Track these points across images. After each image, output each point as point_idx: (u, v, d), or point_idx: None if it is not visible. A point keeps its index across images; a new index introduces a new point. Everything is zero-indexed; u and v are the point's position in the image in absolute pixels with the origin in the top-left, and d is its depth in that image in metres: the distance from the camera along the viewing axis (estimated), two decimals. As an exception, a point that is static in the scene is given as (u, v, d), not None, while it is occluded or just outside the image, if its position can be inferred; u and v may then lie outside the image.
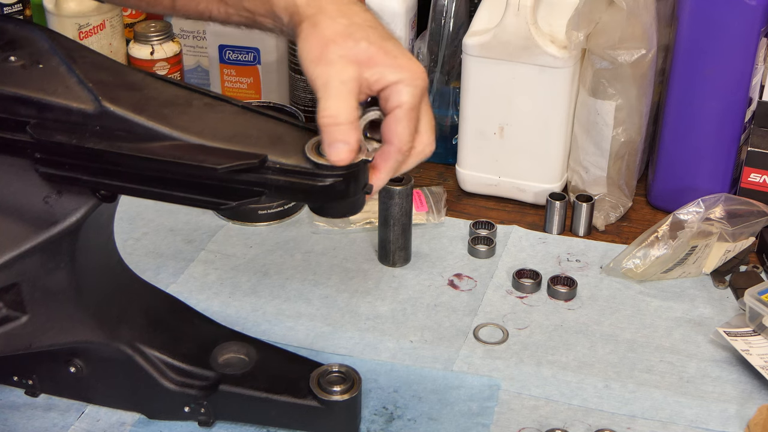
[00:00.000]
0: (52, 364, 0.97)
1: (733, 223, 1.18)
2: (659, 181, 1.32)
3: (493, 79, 1.27)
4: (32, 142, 0.84)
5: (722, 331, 1.08)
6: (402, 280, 1.20)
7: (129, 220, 1.28)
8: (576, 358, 1.08)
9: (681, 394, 1.04)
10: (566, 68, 1.24)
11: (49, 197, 0.87)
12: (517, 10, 1.21)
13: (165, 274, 1.19)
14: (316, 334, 1.11)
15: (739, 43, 1.20)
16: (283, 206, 1.29)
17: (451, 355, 1.09)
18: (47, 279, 0.90)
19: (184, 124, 0.84)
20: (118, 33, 1.53)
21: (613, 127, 1.26)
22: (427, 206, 1.31)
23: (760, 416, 0.98)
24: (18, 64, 0.87)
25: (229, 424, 0.98)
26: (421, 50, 1.38)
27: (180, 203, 0.86)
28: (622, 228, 1.31)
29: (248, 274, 1.20)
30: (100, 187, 0.86)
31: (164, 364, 0.96)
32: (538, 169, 1.31)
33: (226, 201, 0.84)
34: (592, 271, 1.22)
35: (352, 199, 0.85)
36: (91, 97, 0.84)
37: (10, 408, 1.00)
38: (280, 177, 0.83)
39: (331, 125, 0.82)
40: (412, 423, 1.00)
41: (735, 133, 1.26)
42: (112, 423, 0.99)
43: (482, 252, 1.24)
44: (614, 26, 1.20)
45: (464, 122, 1.32)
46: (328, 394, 0.94)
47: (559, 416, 1.01)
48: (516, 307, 1.16)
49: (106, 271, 0.98)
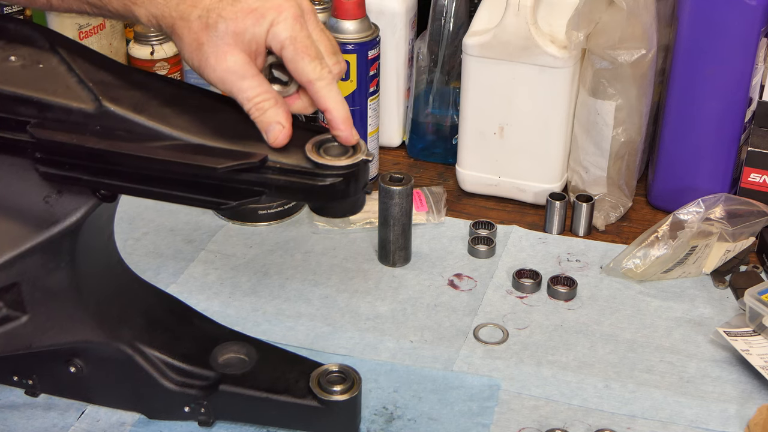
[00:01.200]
0: (52, 363, 0.97)
1: (733, 223, 1.18)
2: (659, 181, 1.32)
3: (493, 79, 1.27)
4: (32, 142, 0.84)
5: (722, 331, 1.08)
6: (402, 280, 1.20)
7: (129, 220, 1.28)
8: (576, 358, 1.08)
9: (681, 394, 1.04)
10: (566, 68, 1.24)
11: (50, 197, 0.87)
12: (517, 10, 1.21)
13: (165, 274, 1.19)
14: (316, 334, 1.11)
15: (739, 43, 1.20)
16: (283, 206, 1.29)
17: (451, 355, 1.09)
18: (47, 279, 0.90)
19: (185, 123, 0.84)
20: (118, 33, 1.53)
21: (613, 127, 1.26)
22: (427, 206, 1.31)
23: (760, 416, 0.98)
24: (18, 64, 0.87)
25: (229, 424, 0.98)
26: (421, 50, 1.38)
27: (180, 203, 0.86)
28: (622, 228, 1.31)
29: (248, 274, 1.20)
30: (101, 186, 0.86)
31: (164, 364, 0.96)
32: (538, 169, 1.31)
33: (227, 201, 0.84)
34: (592, 271, 1.22)
35: (352, 198, 0.85)
36: (92, 97, 0.84)
37: (10, 408, 1.00)
38: (281, 177, 0.83)
39: (253, 109, 0.83)
40: (412, 423, 1.00)
41: (735, 133, 1.26)
42: (112, 423, 0.99)
43: (482, 252, 1.24)
44: (614, 26, 1.20)
45: (464, 122, 1.32)
46: (328, 394, 0.94)
47: (559, 416, 1.01)
48: (516, 307, 1.16)
49: (106, 271, 0.97)
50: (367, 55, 1.29)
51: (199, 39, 0.82)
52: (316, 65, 0.84)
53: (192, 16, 0.83)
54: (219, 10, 0.82)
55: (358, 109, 1.31)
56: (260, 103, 0.83)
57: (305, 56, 0.83)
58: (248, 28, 0.82)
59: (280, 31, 0.83)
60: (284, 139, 0.83)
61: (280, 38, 0.83)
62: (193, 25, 0.83)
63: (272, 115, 0.83)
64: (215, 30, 0.82)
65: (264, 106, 0.83)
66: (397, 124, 1.46)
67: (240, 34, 0.82)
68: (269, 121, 0.83)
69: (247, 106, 0.84)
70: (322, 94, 0.84)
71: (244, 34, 0.82)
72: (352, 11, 1.27)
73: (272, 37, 0.83)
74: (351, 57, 1.28)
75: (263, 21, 0.82)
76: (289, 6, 0.83)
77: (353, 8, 1.27)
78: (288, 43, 0.83)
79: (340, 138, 0.85)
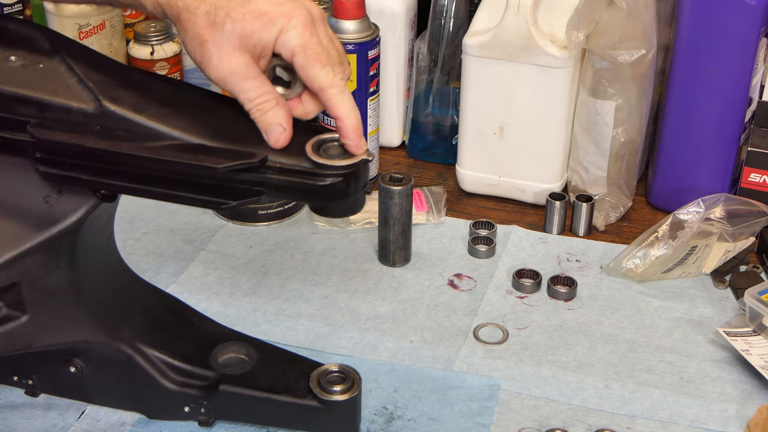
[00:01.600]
0: (52, 363, 0.97)
1: (733, 223, 1.18)
2: (659, 181, 1.32)
3: (493, 79, 1.27)
4: (33, 142, 0.84)
5: (722, 331, 1.08)
6: (402, 280, 1.20)
7: (129, 220, 1.28)
8: (576, 358, 1.08)
9: (681, 394, 1.04)
10: (566, 68, 1.24)
11: (50, 197, 0.87)
12: (517, 10, 1.21)
13: (165, 274, 1.19)
14: (316, 334, 1.11)
15: (739, 43, 1.20)
16: (283, 206, 1.29)
17: (451, 355, 1.08)
18: (47, 279, 0.90)
19: (185, 123, 0.84)
20: (118, 33, 1.53)
21: (613, 127, 1.26)
22: (427, 206, 1.31)
23: (760, 416, 0.98)
24: (18, 64, 0.87)
25: (229, 424, 0.98)
26: (421, 50, 1.38)
27: (180, 203, 0.86)
28: (622, 228, 1.31)
29: (248, 274, 1.20)
30: (101, 186, 0.86)
31: (164, 363, 0.96)
32: (538, 169, 1.31)
33: (227, 200, 0.84)
34: (592, 271, 1.22)
35: (352, 198, 0.85)
36: (92, 97, 0.84)
37: (10, 408, 1.00)
38: (281, 176, 0.83)
39: (254, 109, 0.83)
40: (412, 423, 1.00)
41: (735, 133, 1.26)
42: (112, 423, 0.99)
43: (482, 252, 1.24)
44: (614, 26, 1.20)
45: (464, 122, 1.32)
46: (328, 394, 0.94)
47: (559, 416, 1.01)
48: (516, 307, 1.16)
49: (106, 271, 0.97)
50: (367, 55, 1.29)
51: (204, 35, 0.82)
52: (328, 72, 0.83)
53: (199, 10, 0.82)
54: (227, 9, 0.82)
55: (358, 109, 1.31)
56: (261, 104, 0.83)
57: (317, 63, 0.83)
58: (255, 32, 0.82)
59: (290, 39, 0.82)
60: (285, 141, 0.83)
61: (290, 45, 0.82)
62: (199, 20, 0.82)
63: (273, 116, 0.83)
64: (222, 29, 0.81)
65: (265, 107, 0.83)
66: (397, 124, 1.46)
67: (246, 37, 0.82)
68: (270, 122, 0.83)
69: (248, 106, 0.84)
70: (335, 101, 0.84)
71: (250, 37, 0.82)
72: (352, 11, 1.27)
73: (282, 44, 0.82)
74: (351, 57, 1.27)
75: (272, 27, 0.82)
76: (300, 14, 0.83)
77: (353, 8, 1.27)
78: (299, 50, 0.82)
79: (349, 146, 0.84)
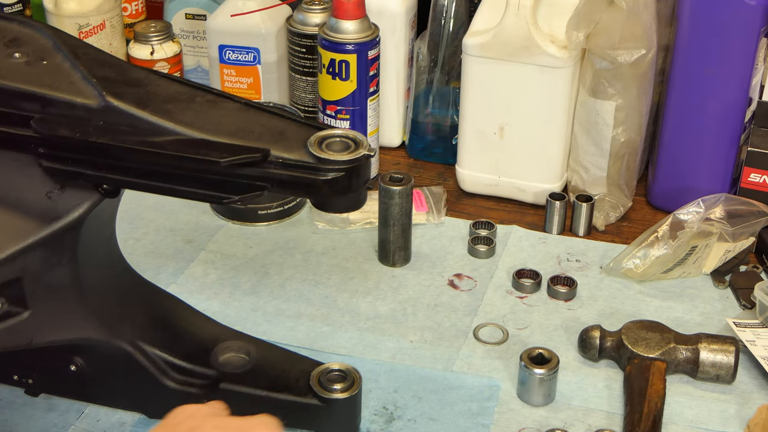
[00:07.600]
0: (53, 362, 0.97)
1: (733, 223, 1.19)
2: (659, 181, 1.32)
3: (493, 79, 1.27)
4: (36, 137, 0.84)
5: (731, 322, 1.09)
6: (402, 280, 1.20)
7: (129, 220, 1.28)
8: (576, 358, 1.08)
9: (681, 394, 1.04)
10: (566, 68, 1.24)
11: (52, 192, 0.87)
12: (517, 10, 1.22)
13: (165, 274, 1.19)
14: (316, 334, 1.11)
15: (739, 43, 1.20)
16: (283, 206, 1.28)
17: (451, 355, 1.08)
18: (49, 274, 0.90)
19: (187, 119, 0.84)
20: (118, 33, 1.53)
21: (613, 127, 1.26)
22: (427, 206, 1.31)
23: (760, 416, 0.98)
24: (22, 61, 0.87)
25: (229, 423, 0.98)
26: (421, 50, 1.38)
27: (183, 197, 0.86)
28: (622, 228, 1.31)
29: (248, 274, 1.20)
30: (104, 181, 0.86)
31: (165, 362, 0.96)
32: (538, 169, 1.31)
33: (229, 195, 0.84)
34: (592, 271, 1.22)
35: (354, 193, 0.85)
36: (95, 92, 0.84)
37: (10, 408, 1.00)
38: (283, 171, 0.83)
39: None
40: (412, 423, 1.00)
41: (735, 133, 1.26)
42: (112, 423, 0.99)
43: (482, 252, 1.24)
44: (614, 26, 1.20)
45: (464, 122, 1.32)
46: (329, 392, 0.94)
47: (559, 416, 1.01)
48: (516, 307, 1.16)
49: (107, 269, 0.98)
50: (367, 55, 1.29)
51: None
52: None
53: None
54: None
55: (358, 109, 1.31)
56: None
57: None
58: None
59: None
60: None
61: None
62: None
63: None
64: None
65: None
66: (397, 124, 1.46)
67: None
68: None
69: None
70: None
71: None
72: (352, 11, 1.27)
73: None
74: (351, 57, 1.28)
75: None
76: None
77: (353, 8, 1.27)
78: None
79: None
